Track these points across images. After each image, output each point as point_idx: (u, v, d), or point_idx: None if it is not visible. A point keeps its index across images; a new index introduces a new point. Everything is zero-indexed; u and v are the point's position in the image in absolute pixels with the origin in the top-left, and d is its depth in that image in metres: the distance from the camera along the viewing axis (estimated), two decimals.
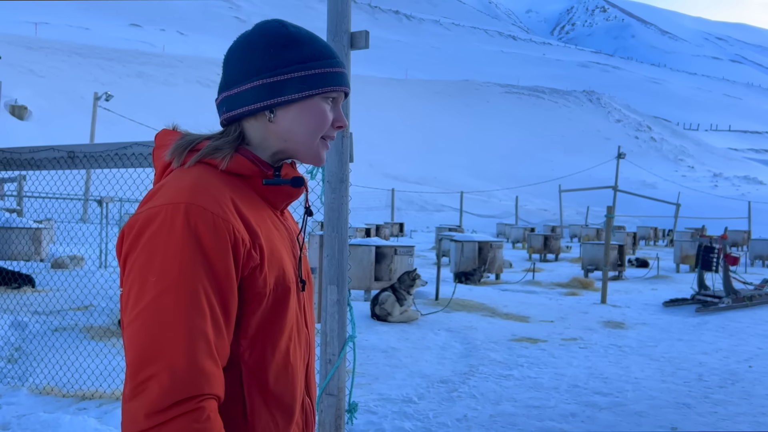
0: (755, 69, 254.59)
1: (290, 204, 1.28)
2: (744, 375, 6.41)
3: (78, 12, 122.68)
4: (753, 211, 39.67)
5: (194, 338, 1.01)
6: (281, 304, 1.16)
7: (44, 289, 9.28)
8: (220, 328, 1.06)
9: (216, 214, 1.06)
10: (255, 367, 1.13)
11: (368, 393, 5.33)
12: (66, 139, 16.78)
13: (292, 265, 1.22)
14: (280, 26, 1.23)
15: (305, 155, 1.23)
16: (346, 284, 3.20)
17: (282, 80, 1.18)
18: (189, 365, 1.00)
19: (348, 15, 3.17)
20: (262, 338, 1.14)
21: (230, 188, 1.14)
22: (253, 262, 1.10)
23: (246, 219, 1.11)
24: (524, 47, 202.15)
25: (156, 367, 0.99)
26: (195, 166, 1.15)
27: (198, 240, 1.04)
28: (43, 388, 4.95)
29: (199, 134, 1.21)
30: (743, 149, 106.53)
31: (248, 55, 1.20)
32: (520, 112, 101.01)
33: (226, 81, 1.21)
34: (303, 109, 1.20)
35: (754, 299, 11.29)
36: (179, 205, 1.05)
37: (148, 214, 1.06)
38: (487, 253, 14.62)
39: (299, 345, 1.22)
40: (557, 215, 46.01)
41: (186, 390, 0.99)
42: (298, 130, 1.20)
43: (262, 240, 1.12)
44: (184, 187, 1.08)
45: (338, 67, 1.24)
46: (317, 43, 1.24)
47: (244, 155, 1.19)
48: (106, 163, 4.34)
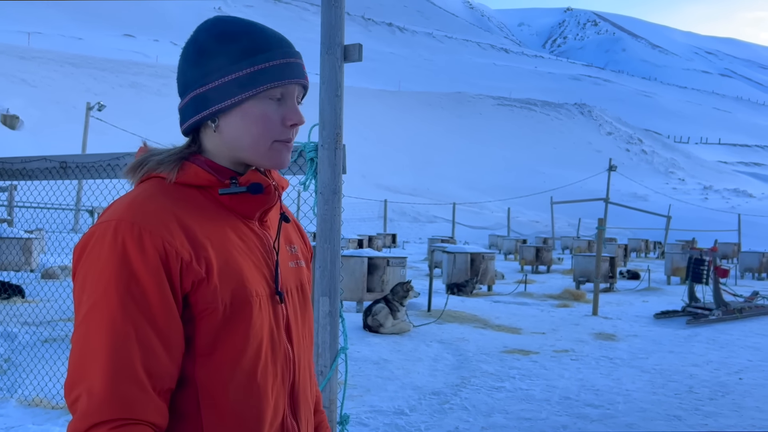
0: (744, 83, 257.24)
1: (266, 212, 1.20)
2: (734, 387, 6.44)
3: (71, 22, 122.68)
4: (743, 224, 39.91)
5: (114, 361, 0.98)
6: (240, 319, 1.08)
7: (34, 300, 9.21)
8: (152, 348, 1.01)
9: (144, 228, 1.03)
10: (210, 386, 1.07)
11: (360, 405, 5.32)
12: (58, 149, 16.73)
13: (263, 276, 1.14)
14: (212, 26, 1.15)
15: (260, 162, 1.16)
16: (338, 296, 3.21)
17: (212, 88, 1.12)
18: (104, 389, 0.97)
19: (341, 28, 3.20)
20: (218, 355, 1.07)
21: (179, 201, 1.10)
22: (196, 276, 1.05)
23: (190, 231, 1.07)
24: (516, 60, 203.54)
25: (78, 389, 0.99)
26: (146, 182, 1.13)
27: (125, 256, 1.01)
28: (32, 399, 4.91)
29: (165, 149, 1.18)
30: (733, 162, 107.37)
31: (182, 66, 1.17)
32: (512, 125, 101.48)
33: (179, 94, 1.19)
34: (243, 114, 1.12)
35: (744, 311, 11.35)
36: (111, 222, 1.04)
37: (88, 234, 1.07)
38: (479, 264, 14.64)
39: (273, 363, 1.13)
40: (549, 227, 46.14)
41: (99, 414, 0.97)
42: (242, 137, 1.13)
43: (211, 252, 1.07)
44: (122, 205, 1.07)
45: (279, 58, 1.13)
46: (254, 36, 1.13)
47: (198, 165, 1.14)
48: (98, 173, 4.33)
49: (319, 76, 3.10)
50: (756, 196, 74.90)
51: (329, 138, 3.07)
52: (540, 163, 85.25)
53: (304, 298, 1.25)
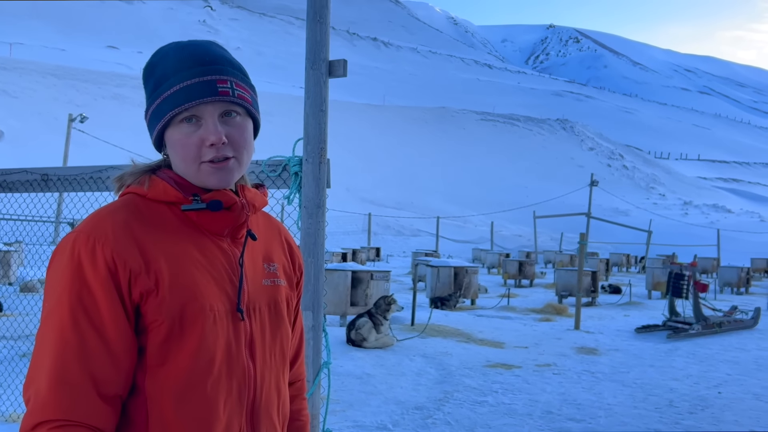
0: (723, 100, 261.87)
1: (237, 228, 1.19)
2: (713, 401, 6.50)
3: (54, 33, 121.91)
4: (722, 239, 40.46)
5: (59, 366, 1.03)
6: (190, 332, 1.10)
7: (12, 314, 9.08)
8: (98, 354, 1.05)
9: (98, 240, 1.07)
10: (159, 396, 1.09)
11: (343, 420, 5.29)
12: (39, 161, 16.55)
13: (224, 292, 1.14)
14: (152, 55, 1.20)
15: (198, 183, 1.17)
16: (321, 310, 3.21)
17: (147, 121, 1.19)
18: (48, 392, 1.02)
19: (326, 44, 3.23)
20: (168, 367, 1.09)
21: (142, 216, 1.13)
22: (144, 287, 1.08)
23: (143, 245, 1.10)
24: (499, 76, 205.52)
25: (30, 390, 1.05)
26: (122, 197, 1.19)
27: (79, 267, 1.07)
28: (10, 415, 4.83)
29: (145, 164, 1.22)
30: (712, 178, 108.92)
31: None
32: (496, 139, 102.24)
33: None
34: (168, 141, 1.17)
35: (724, 326, 11.48)
36: (72, 234, 1.10)
37: (57, 245, 1.13)
38: (462, 278, 14.68)
39: (228, 379, 1.12)
40: (532, 241, 46.40)
41: (42, 414, 1.02)
42: (175, 162, 1.18)
43: (162, 265, 1.10)
44: (87, 218, 1.13)
45: (180, 82, 1.13)
46: (165, 63, 1.16)
47: (166, 180, 1.17)
48: (80, 186, 4.30)
49: (304, 90, 3.12)
50: (735, 212, 76.03)
51: (313, 152, 3.09)
52: (523, 178, 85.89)
53: (277, 317, 1.23)
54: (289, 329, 1.28)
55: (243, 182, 1.25)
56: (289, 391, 1.35)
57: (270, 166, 3.18)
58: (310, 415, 1.45)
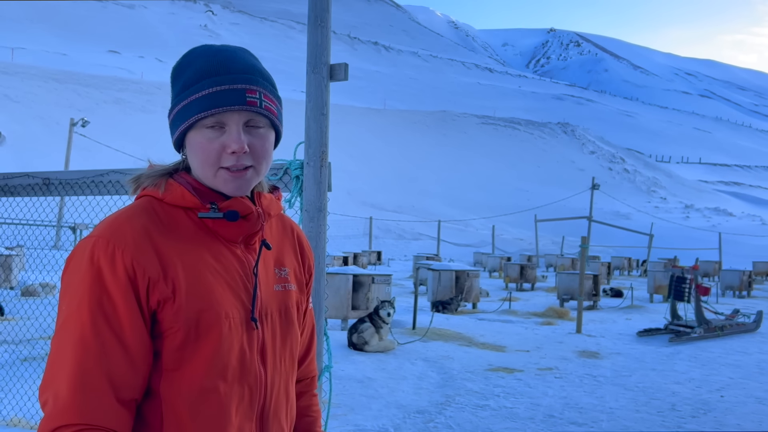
0: (723, 104, 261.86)
1: (251, 236, 1.21)
2: (716, 405, 6.48)
3: (56, 38, 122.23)
4: (723, 242, 40.40)
5: (79, 370, 1.04)
6: (206, 339, 1.11)
7: (13, 318, 9.08)
8: (117, 359, 1.06)
9: (117, 246, 1.08)
10: (174, 400, 1.10)
11: (344, 424, 5.28)
12: (41, 166, 16.59)
13: (239, 299, 1.16)
14: (181, 57, 1.21)
15: (214, 188, 1.18)
16: (322, 314, 3.20)
17: (172, 117, 1.18)
18: (68, 395, 1.03)
19: (327, 48, 3.23)
20: (183, 372, 1.11)
21: (160, 221, 1.14)
22: (162, 295, 1.09)
23: (162, 251, 1.11)
24: (500, 79, 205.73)
25: (47, 393, 1.05)
26: (138, 200, 1.19)
27: (99, 273, 1.07)
28: (11, 419, 4.83)
29: (165, 166, 1.23)
30: (713, 181, 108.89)
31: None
32: (497, 143, 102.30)
33: None
34: (189, 143, 1.17)
35: (726, 329, 11.46)
36: (92, 239, 1.10)
37: (74, 248, 1.13)
38: (464, 282, 14.66)
39: (240, 384, 1.14)
40: (533, 245, 46.38)
41: (62, 418, 1.02)
42: (194, 165, 1.18)
43: (180, 272, 1.11)
44: (105, 223, 1.13)
45: (209, 88, 1.13)
46: (196, 66, 1.16)
47: (183, 185, 1.17)
48: (81, 190, 4.30)
49: (305, 94, 3.13)
50: (736, 215, 75.98)
51: (315, 156, 3.09)
52: (524, 182, 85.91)
53: (287, 322, 1.25)
54: (298, 333, 1.29)
55: (260, 188, 1.25)
56: (299, 387, 1.38)
57: (271, 169, 3.18)
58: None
